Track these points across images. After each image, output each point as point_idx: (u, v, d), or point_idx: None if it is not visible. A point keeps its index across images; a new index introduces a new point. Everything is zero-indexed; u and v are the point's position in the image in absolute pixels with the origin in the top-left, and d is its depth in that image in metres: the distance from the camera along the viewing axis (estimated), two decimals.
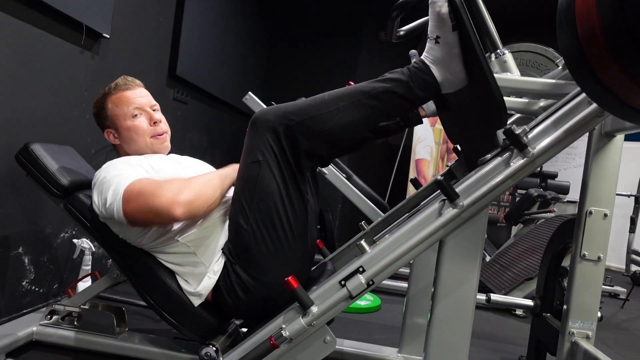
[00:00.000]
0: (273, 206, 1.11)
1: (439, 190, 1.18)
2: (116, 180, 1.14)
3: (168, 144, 1.38)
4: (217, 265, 1.20)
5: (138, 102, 1.32)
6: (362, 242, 1.07)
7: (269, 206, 1.11)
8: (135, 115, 1.31)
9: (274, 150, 1.10)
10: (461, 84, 1.09)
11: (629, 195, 3.93)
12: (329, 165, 2.60)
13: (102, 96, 1.35)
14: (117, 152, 1.39)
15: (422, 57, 1.10)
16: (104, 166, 1.22)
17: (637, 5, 0.59)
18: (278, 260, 1.14)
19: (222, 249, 1.21)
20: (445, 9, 1.03)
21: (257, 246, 1.13)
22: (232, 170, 1.23)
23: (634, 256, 3.87)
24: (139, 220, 1.12)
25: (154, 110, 1.36)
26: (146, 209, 1.09)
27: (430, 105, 1.45)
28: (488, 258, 3.21)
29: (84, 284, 1.71)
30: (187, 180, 1.15)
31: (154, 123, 1.33)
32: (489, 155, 1.05)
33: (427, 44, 1.08)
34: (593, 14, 0.65)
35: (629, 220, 3.81)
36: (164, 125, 1.37)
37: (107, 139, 1.37)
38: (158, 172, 1.23)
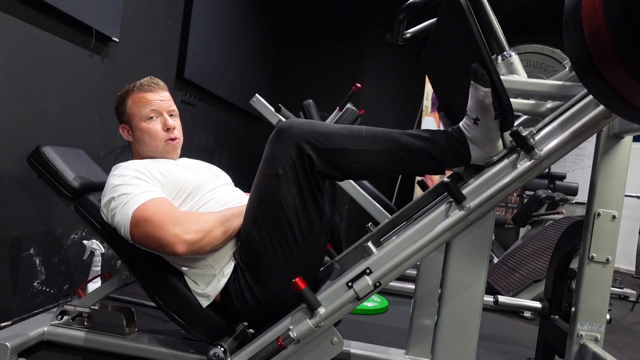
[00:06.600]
0: (286, 221, 1.10)
1: (446, 192, 1.18)
2: (126, 199, 1.14)
3: (179, 151, 1.40)
4: (227, 268, 1.20)
5: (156, 105, 1.34)
6: (369, 243, 1.07)
7: (283, 221, 1.10)
8: (151, 117, 1.33)
9: (295, 167, 1.07)
10: (491, 157, 1.07)
11: (639, 197, 3.89)
12: None
13: (125, 92, 1.37)
14: (130, 149, 1.42)
15: (461, 127, 1.06)
16: (115, 172, 1.23)
17: None
18: (288, 271, 1.13)
19: (233, 253, 1.21)
20: (489, 99, 0.99)
21: (267, 256, 1.13)
22: (239, 212, 1.21)
23: None
24: (143, 245, 1.15)
25: (170, 115, 1.37)
26: (151, 238, 1.11)
27: None
28: (496, 260, 3.19)
29: (93, 285, 1.73)
30: (198, 217, 1.14)
31: (167, 129, 1.35)
32: (495, 157, 1.05)
33: (465, 119, 1.05)
34: (599, 15, 0.65)
35: (639, 222, 3.76)
36: (177, 132, 1.38)
37: (121, 134, 1.39)
38: (166, 178, 1.24)
